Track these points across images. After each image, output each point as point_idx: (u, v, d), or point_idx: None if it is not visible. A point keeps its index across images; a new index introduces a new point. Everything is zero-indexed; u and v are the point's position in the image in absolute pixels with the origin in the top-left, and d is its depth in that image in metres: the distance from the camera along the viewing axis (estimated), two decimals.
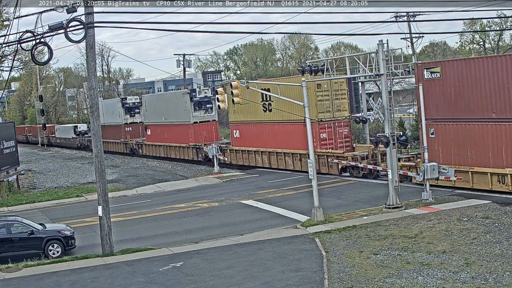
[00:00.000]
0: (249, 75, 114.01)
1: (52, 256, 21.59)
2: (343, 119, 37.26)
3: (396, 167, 25.69)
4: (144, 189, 37.66)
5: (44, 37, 19.64)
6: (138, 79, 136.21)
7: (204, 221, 26.51)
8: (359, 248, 19.19)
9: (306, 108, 24.63)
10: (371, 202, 26.97)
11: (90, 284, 17.65)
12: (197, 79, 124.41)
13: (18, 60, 45.16)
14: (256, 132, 41.54)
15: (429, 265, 16.75)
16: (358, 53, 52.79)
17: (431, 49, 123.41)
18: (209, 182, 38.63)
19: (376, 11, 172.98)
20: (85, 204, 33.39)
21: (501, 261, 16.59)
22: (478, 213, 22.56)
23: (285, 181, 35.75)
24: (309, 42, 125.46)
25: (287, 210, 26.91)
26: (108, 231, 21.16)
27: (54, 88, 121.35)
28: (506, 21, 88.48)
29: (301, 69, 27.43)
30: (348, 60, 27.04)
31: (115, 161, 57.63)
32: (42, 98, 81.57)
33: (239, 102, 27.18)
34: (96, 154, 21.41)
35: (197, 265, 18.76)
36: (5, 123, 51.24)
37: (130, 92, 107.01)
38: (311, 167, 24.31)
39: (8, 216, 25.54)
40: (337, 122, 36.63)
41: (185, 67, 67.68)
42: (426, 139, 27.33)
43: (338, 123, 36.73)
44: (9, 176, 40.44)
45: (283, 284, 16.16)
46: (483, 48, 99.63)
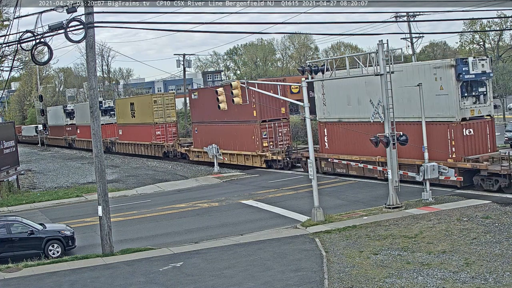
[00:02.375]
0: (249, 75, 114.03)
1: (52, 256, 21.59)
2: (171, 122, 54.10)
3: (396, 167, 25.69)
4: (144, 189, 37.66)
5: (44, 37, 19.65)
6: (138, 79, 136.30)
7: (204, 221, 26.51)
8: (359, 248, 19.19)
9: (306, 108, 24.64)
10: (371, 202, 26.98)
11: (90, 284, 17.65)
12: (197, 79, 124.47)
13: (18, 60, 45.27)
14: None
15: (429, 265, 16.75)
16: (358, 53, 52.83)
17: (431, 49, 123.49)
18: (209, 182, 38.64)
19: (375, 11, 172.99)
20: (85, 204, 33.40)
21: (501, 261, 16.59)
22: (478, 213, 22.56)
23: (285, 181, 35.75)
24: (309, 42, 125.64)
25: (287, 210, 26.91)
26: (108, 231, 21.16)
27: (54, 88, 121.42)
28: (506, 21, 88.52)
29: (301, 69, 27.42)
30: (348, 60, 27.04)
31: (115, 161, 57.64)
32: (42, 98, 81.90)
33: (239, 103, 27.26)
34: (96, 154, 21.41)
35: (197, 265, 18.77)
36: (5, 123, 51.22)
37: (130, 92, 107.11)
38: (311, 167, 24.31)
39: (8, 216, 25.53)
40: (277, 123, 40.66)
41: (185, 67, 67.74)
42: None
43: (279, 124, 40.63)
44: (9, 176, 40.43)
45: (283, 284, 16.16)
46: (483, 48, 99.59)
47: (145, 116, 54.78)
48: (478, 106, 28.59)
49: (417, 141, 27.66)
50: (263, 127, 40.42)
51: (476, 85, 28.36)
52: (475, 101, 28.65)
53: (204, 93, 48.14)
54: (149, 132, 54.32)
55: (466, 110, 28.18)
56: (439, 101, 28.26)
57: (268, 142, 40.43)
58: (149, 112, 53.86)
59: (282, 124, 40.92)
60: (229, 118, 42.81)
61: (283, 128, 40.93)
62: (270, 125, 40.61)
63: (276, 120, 40.74)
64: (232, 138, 43.53)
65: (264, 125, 40.45)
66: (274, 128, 40.65)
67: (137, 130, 56.51)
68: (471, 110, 28.28)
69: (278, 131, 40.80)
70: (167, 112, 53.18)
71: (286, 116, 41.24)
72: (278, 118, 40.74)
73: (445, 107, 28.26)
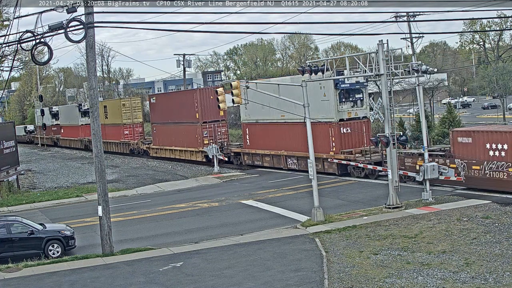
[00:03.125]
0: (249, 75, 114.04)
1: (52, 256, 21.59)
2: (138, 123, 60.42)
3: (396, 167, 25.69)
4: (144, 189, 37.66)
5: (44, 37, 19.64)
6: (138, 79, 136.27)
7: (204, 221, 26.51)
8: (359, 248, 19.19)
9: (306, 108, 24.64)
10: (371, 202, 26.98)
11: (90, 284, 17.65)
12: (197, 79, 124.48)
13: (18, 60, 45.22)
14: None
15: (429, 265, 16.75)
16: (358, 53, 52.84)
17: (431, 49, 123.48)
18: (209, 182, 38.64)
19: (375, 11, 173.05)
20: (85, 204, 33.39)
21: (501, 261, 16.59)
22: (478, 213, 22.57)
23: (285, 181, 35.76)
24: (309, 42, 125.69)
25: (287, 210, 26.91)
26: (108, 231, 21.16)
27: (54, 88, 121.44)
28: (506, 21, 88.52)
29: (301, 69, 27.43)
30: (348, 60, 27.05)
31: (115, 161, 57.65)
32: (42, 98, 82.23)
33: (239, 103, 27.21)
34: (96, 154, 21.41)
35: (197, 265, 18.77)
36: (5, 123, 51.21)
37: (130, 92, 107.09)
38: (311, 167, 24.30)
39: (8, 216, 25.53)
40: (216, 123, 46.82)
41: (185, 67, 67.71)
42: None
43: (218, 124, 46.87)
44: (9, 176, 40.42)
45: (283, 284, 16.17)
46: (483, 48, 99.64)
47: (116, 117, 61.70)
48: (355, 109, 34.97)
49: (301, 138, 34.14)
50: (204, 127, 46.59)
51: (353, 93, 34.64)
52: (352, 105, 34.95)
53: (161, 98, 56.47)
54: (119, 132, 61.39)
55: (344, 113, 34.65)
56: (323, 105, 34.14)
57: (209, 140, 46.27)
58: (118, 114, 60.90)
59: (221, 124, 47.16)
60: (178, 120, 49.86)
61: (222, 128, 47.21)
62: (210, 126, 46.74)
63: (215, 121, 46.77)
64: (181, 136, 49.67)
65: (205, 125, 46.61)
66: (214, 128, 46.81)
67: (109, 129, 62.14)
68: (348, 112, 34.78)
69: (217, 130, 46.94)
70: (134, 114, 60.28)
71: (224, 118, 47.44)
72: (218, 119, 46.70)
73: (327, 110, 34.53)
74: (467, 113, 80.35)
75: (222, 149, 45.29)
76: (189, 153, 49.08)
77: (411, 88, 58.87)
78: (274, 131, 39.66)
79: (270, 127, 40.05)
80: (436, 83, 66.79)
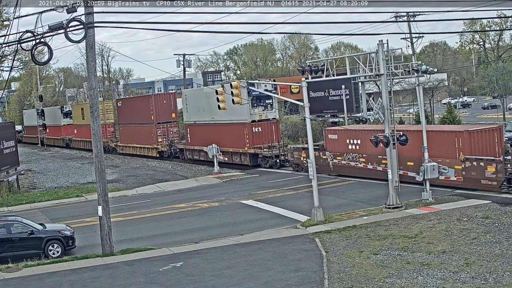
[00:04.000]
0: (249, 75, 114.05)
1: (52, 256, 21.59)
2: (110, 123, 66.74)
3: (396, 167, 25.69)
4: (144, 189, 37.66)
5: (44, 37, 19.64)
6: (138, 79, 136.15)
7: (204, 221, 26.51)
8: (359, 248, 19.19)
9: (306, 108, 24.65)
10: (371, 202, 26.98)
11: (90, 284, 17.65)
12: (197, 79, 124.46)
13: (18, 60, 45.25)
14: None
15: (429, 265, 16.76)
16: (358, 53, 52.84)
17: (431, 49, 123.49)
18: (209, 182, 38.64)
19: (375, 11, 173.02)
20: (85, 204, 33.40)
21: (501, 261, 16.59)
22: (478, 213, 22.57)
23: (285, 181, 35.77)
24: (309, 42, 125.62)
25: (287, 210, 26.91)
26: (108, 231, 21.16)
27: (54, 88, 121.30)
28: (506, 21, 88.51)
29: (301, 69, 27.43)
30: (348, 60, 27.04)
31: (115, 161, 57.69)
32: (42, 98, 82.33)
33: (239, 102, 27.26)
34: (96, 154, 21.43)
35: (197, 265, 18.77)
36: (5, 123, 51.20)
37: (130, 92, 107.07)
38: (311, 167, 24.30)
39: (8, 216, 25.53)
40: (169, 124, 54.14)
41: (185, 67, 67.70)
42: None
43: (170, 125, 54.25)
44: (9, 176, 40.41)
45: (283, 284, 16.17)
46: (483, 48, 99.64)
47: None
48: (265, 112, 42.62)
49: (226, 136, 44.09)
50: (158, 127, 53.89)
51: (264, 99, 41.88)
52: (263, 109, 42.50)
53: (125, 102, 63.44)
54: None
55: (255, 115, 42.28)
56: (239, 109, 39.60)
57: (162, 138, 54.08)
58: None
59: (173, 125, 54.55)
60: (138, 121, 56.85)
61: (173, 128, 54.50)
62: (163, 126, 54.12)
63: (168, 122, 54.19)
64: (140, 135, 57.00)
65: (159, 126, 53.93)
66: (167, 128, 54.14)
67: (85, 129, 67.84)
68: (259, 115, 42.45)
69: (169, 130, 54.17)
70: (106, 116, 66.49)
71: (176, 119, 54.84)
72: (170, 121, 54.33)
73: (242, 113, 41.82)
74: (467, 113, 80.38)
75: (171, 146, 53.28)
76: (146, 149, 56.32)
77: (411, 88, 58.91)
78: (207, 130, 46.77)
79: (205, 127, 47.16)
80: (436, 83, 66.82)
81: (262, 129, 42.39)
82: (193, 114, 48.68)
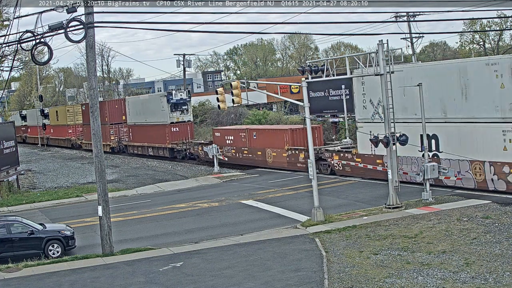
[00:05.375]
0: (249, 75, 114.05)
1: (52, 256, 21.59)
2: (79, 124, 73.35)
3: (396, 167, 25.69)
4: (144, 189, 37.66)
5: (44, 37, 19.64)
6: (138, 79, 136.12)
7: (204, 221, 26.51)
8: (359, 248, 19.19)
9: (306, 108, 24.65)
10: (371, 202, 26.98)
11: (90, 284, 17.66)
12: (197, 79, 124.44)
13: (18, 60, 45.27)
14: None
15: (429, 265, 16.75)
16: (358, 53, 52.85)
17: (431, 49, 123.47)
18: (209, 182, 38.64)
19: (375, 11, 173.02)
20: (85, 204, 33.40)
21: (501, 261, 16.59)
22: (478, 213, 22.56)
23: (285, 181, 35.77)
24: (309, 42, 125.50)
25: (287, 210, 26.91)
26: (108, 231, 21.16)
27: (54, 88, 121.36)
28: (506, 21, 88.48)
29: (301, 69, 27.46)
30: (348, 60, 27.06)
31: (115, 161, 57.71)
32: (42, 98, 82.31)
33: (239, 102, 27.23)
34: (96, 154, 21.43)
35: (197, 265, 18.77)
36: (5, 123, 51.19)
37: (130, 92, 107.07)
38: (311, 167, 24.29)
39: (8, 216, 25.54)
40: (120, 125, 62.15)
41: (185, 67, 67.71)
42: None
43: (121, 126, 62.16)
44: (9, 176, 40.40)
45: (283, 284, 16.17)
46: (483, 48, 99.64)
47: (63, 119, 78.96)
48: (182, 116, 52.95)
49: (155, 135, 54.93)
50: (111, 128, 62.04)
51: (181, 105, 52.83)
52: (181, 113, 52.86)
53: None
54: (65, 131, 78.77)
55: (174, 118, 52.67)
56: (162, 113, 52.71)
57: (114, 136, 62.44)
58: (65, 117, 78.34)
59: (123, 126, 62.14)
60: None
61: (124, 128, 62.10)
62: (116, 126, 62.36)
63: (119, 123, 62.13)
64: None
65: (112, 126, 62.04)
66: (118, 128, 62.38)
67: (59, 129, 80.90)
68: (177, 118, 52.83)
69: (120, 130, 62.31)
70: (76, 117, 74.61)
71: (126, 121, 61.64)
72: (121, 122, 62.14)
73: (164, 116, 53.08)
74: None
75: (119, 142, 62.50)
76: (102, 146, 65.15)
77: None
78: (143, 130, 57.33)
79: (141, 127, 57.66)
80: None
81: (179, 129, 52.37)
82: (133, 117, 59.63)
